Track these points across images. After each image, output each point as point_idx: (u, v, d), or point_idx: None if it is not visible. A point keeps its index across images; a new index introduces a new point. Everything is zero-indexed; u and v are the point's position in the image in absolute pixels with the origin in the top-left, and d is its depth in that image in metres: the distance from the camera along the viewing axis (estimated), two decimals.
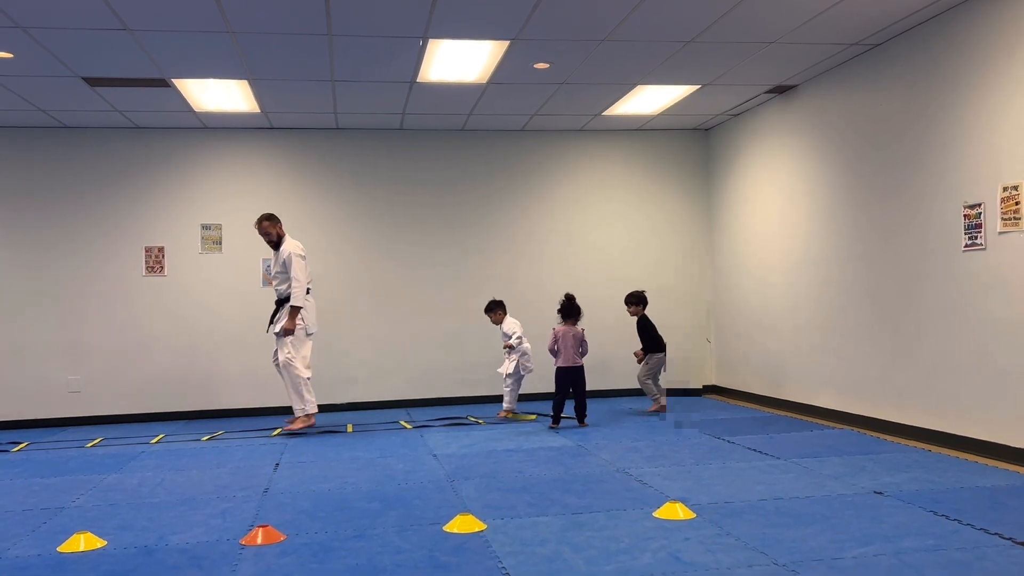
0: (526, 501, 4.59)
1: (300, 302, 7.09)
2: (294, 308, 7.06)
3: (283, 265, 7.16)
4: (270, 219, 7.25)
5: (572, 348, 7.23)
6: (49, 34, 5.64)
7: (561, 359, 7.22)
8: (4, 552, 3.90)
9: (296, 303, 7.06)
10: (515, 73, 6.92)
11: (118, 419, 8.32)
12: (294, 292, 7.05)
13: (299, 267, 7.10)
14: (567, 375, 7.22)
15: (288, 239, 7.27)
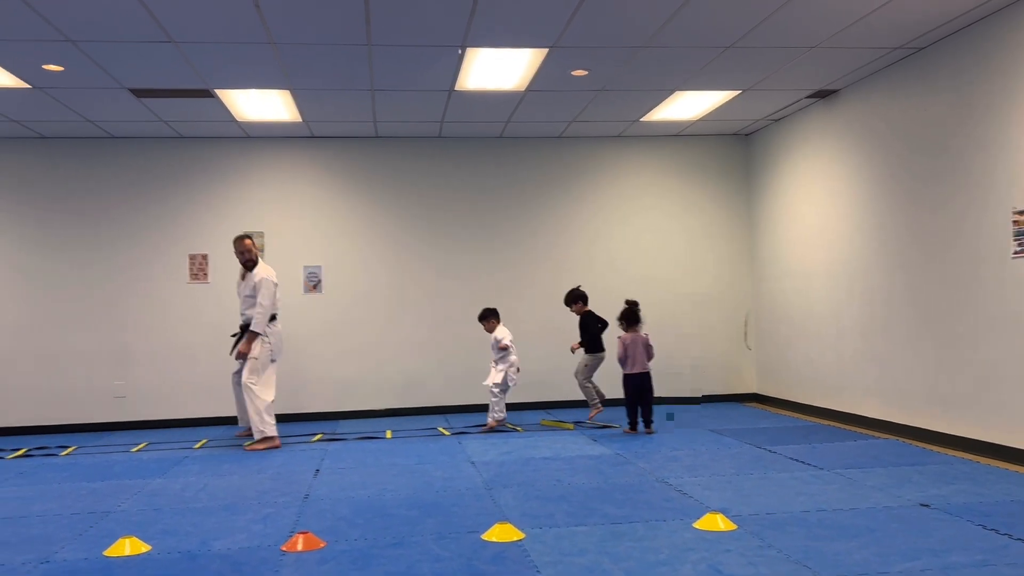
0: (565, 510, 4.57)
1: (260, 329, 7.03)
2: (252, 333, 7.02)
3: (253, 289, 7.12)
4: (250, 238, 7.28)
5: (643, 354, 7.24)
6: (98, 47, 5.77)
7: (630, 366, 7.22)
8: (52, 555, 3.98)
9: (256, 329, 7.01)
10: (553, 80, 6.93)
11: (162, 424, 8.46)
12: (256, 319, 7.02)
13: (268, 294, 7.06)
14: (638, 381, 7.22)
15: (262, 264, 7.26)
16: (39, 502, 5.16)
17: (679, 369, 9.18)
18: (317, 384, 8.78)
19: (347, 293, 8.86)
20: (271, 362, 7.14)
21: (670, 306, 9.25)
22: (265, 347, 7.06)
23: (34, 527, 4.53)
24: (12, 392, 8.28)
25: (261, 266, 7.22)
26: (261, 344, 7.03)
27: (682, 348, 9.20)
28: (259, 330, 7.02)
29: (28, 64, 6.08)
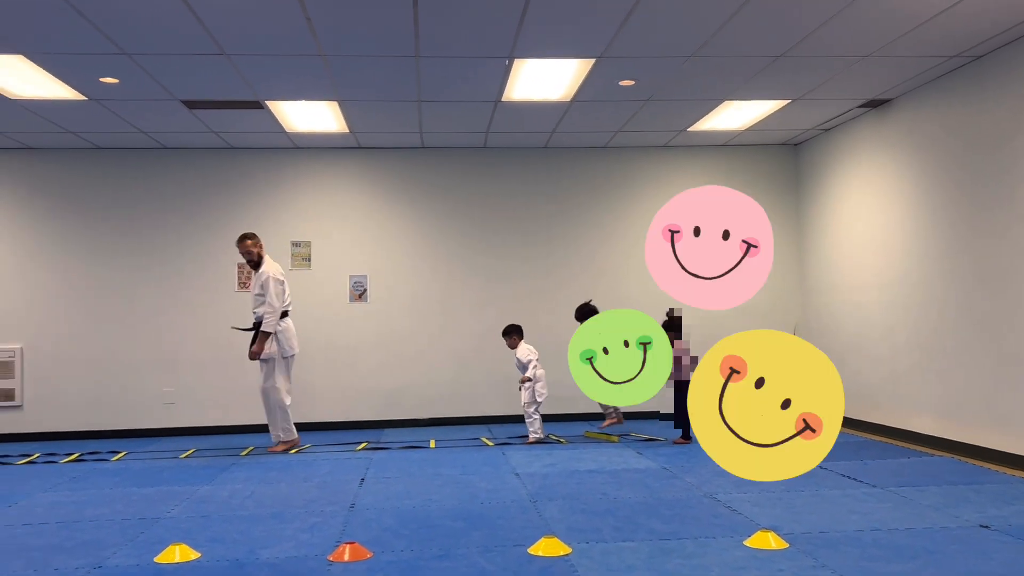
0: (611, 525, 4.52)
1: (271, 328, 7.08)
2: (264, 334, 7.08)
3: (261, 287, 7.16)
4: (252, 238, 7.30)
5: (688, 363, 7.22)
6: (152, 60, 5.88)
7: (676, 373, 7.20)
8: (104, 560, 4.04)
9: (267, 328, 7.07)
10: (600, 90, 6.90)
11: (210, 430, 8.57)
12: (267, 318, 7.06)
13: (275, 292, 7.10)
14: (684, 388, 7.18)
15: (268, 261, 7.28)
16: (91, 507, 5.25)
17: None
18: (362, 393, 8.82)
19: (392, 302, 8.90)
20: (285, 359, 7.22)
21: (716, 319, 9.11)
22: (275, 346, 7.15)
23: (87, 532, 4.61)
24: (66, 397, 8.45)
25: (267, 263, 7.25)
26: (269, 343, 7.12)
27: None
28: (270, 329, 7.08)
29: (86, 77, 6.22)
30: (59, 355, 8.48)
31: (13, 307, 8.45)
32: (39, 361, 8.45)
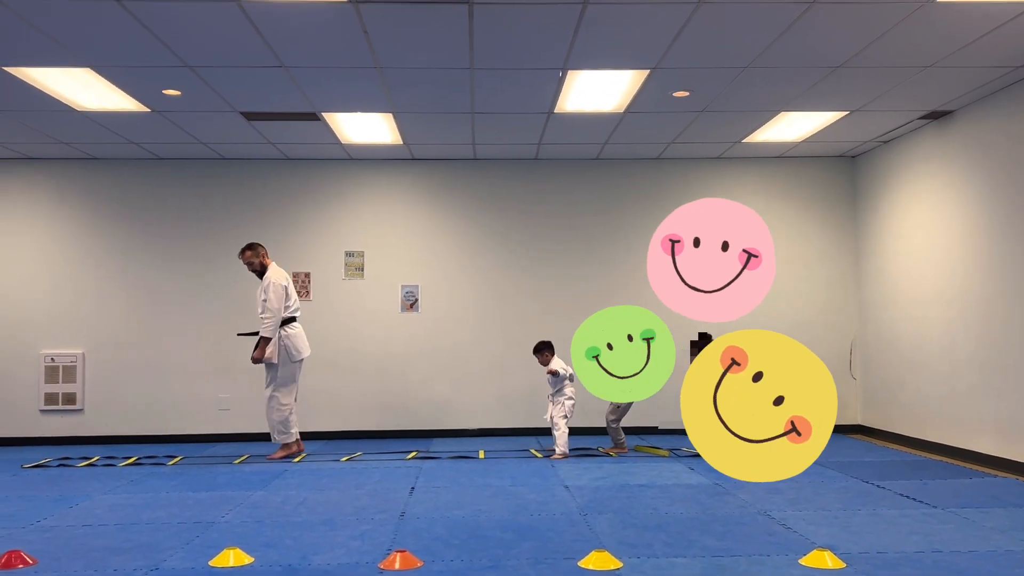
0: (662, 540, 4.47)
1: (270, 333, 7.16)
2: (263, 339, 7.17)
3: (264, 293, 7.28)
4: (252, 248, 7.40)
5: None
6: (213, 72, 6.01)
7: None
8: (161, 563, 4.11)
9: (266, 334, 7.15)
10: (653, 102, 6.87)
11: (263, 437, 8.67)
12: (265, 323, 7.16)
13: (276, 297, 7.18)
14: None
15: (273, 268, 7.37)
16: (148, 510, 5.35)
17: None
18: (412, 402, 8.87)
19: (443, 312, 8.95)
20: (293, 363, 7.31)
21: None
22: (282, 352, 7.24)
23: (144, 534, 4.70)
24: (125, 402, 8.65)
25: (271, 270, 7.35)
26: (277, 349, 7.20)
27: None
28: (268, 334, 7.17)
29: (149, 89, 6.38)
30: (119, 360, 8.69)
31: (77, 313, 8.69)
32: (100, 366, 8.67)
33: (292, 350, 7.31)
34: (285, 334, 7.30)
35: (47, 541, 4.55)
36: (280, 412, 7.27)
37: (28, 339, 8.63)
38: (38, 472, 6.87)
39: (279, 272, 7.39)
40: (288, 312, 7.34)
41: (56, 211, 8.75)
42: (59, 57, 5.66)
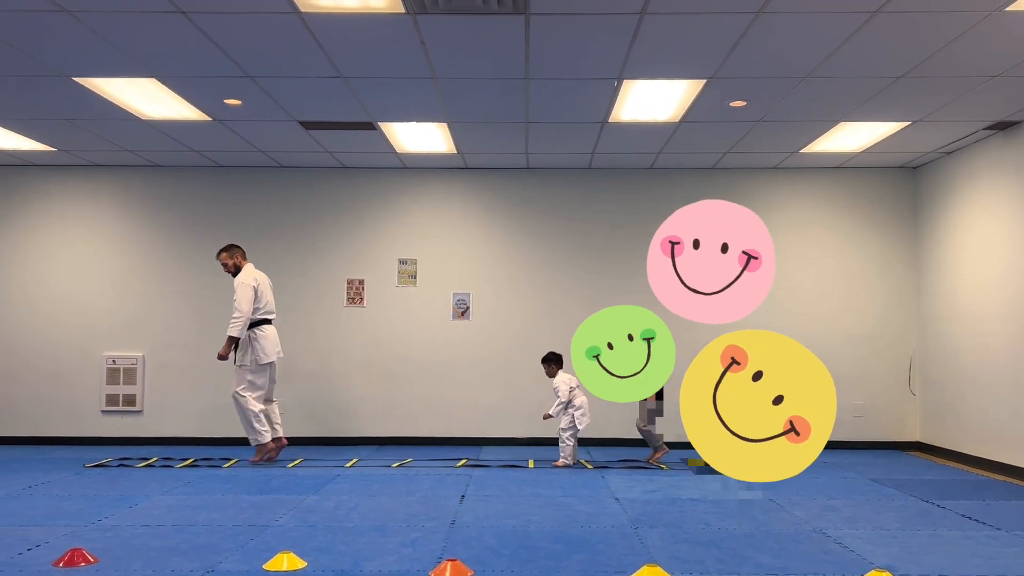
0: (715, 556, 4.41)
1: (236, 332, 7.25)
2: (229, 338, 7.26)
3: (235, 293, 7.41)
4: (227, 250, 7.51)
5: None
6: (273, 82, 6.13)
7: None
8: (216, 565, 4.18)
9: (232, 333, 7.24)
10: (709, 111, 6.81)
11: (316, 441, 8.80)
12: (232, 322, 7.26)
13: (243, 297, 7.26)
14: None
15: (246, 269, 7.46)
16: (204, 511, 5.45)
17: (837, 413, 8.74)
18: (461, 409, 8.90)
19: (494, 321, 8.96)
20: (260, 366, 7.38)
21: (826, 347, 8.83)
22: (250, 354, 7.32)
23: (200, 536, 4.78)
24: (182, 404, 8.83)
25: (243, 271, 7.45)
26: (246, 350, 7.30)
27: (840, 391, 8.73)
28: (234, 334, 7.27)
29: (211, 99, 6.53)
30: (177, 364, 8.88)
31: (137, 316, 8.90)
32: (159, 369, 8.87)
33: (260, 352, 7.39)
34: (255, 336, 7.40)
35: (108, 540, 4.67)
36: (245, 414, 7.36)
37: (91, 341, 8.87)
38: (99, 471, 7.05)
39: (250, 273, 7.48)
40: (259, 314, 7.43)
41: (120, 217, 8.99)
42: (126, 68, 5.82)
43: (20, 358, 8.87)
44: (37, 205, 8.98)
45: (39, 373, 8.82)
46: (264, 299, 7.50)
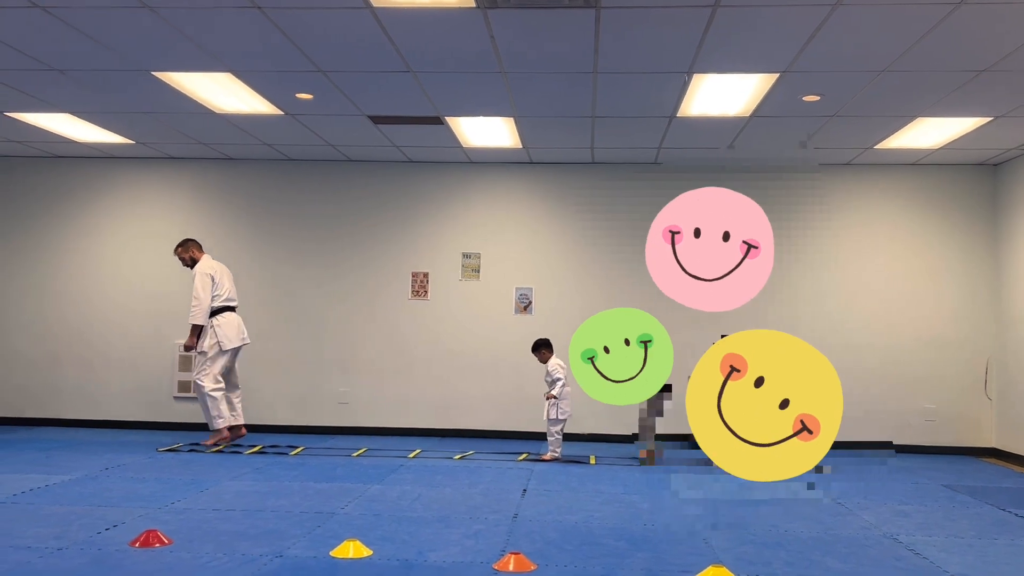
0: (782, 559, 4.33)
1: (199, 320, 7.46)
2: (192, 326, 7.46)
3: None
4: (182, 245, 7.72)
5: None
6: (345, 77, 6.21)
7: None
8: (285, 550, 4.27)
9: (193, 321, 7.44)
10: (781, 106, 6.68)
11: (380, 431, 8.91)
12: (193, 311, 7.46)
13: (200, 285, 7.48)
14: None
15: (203, 260, 7.64)
16: (273, 497, 5.57)
17: (907, 417, 8.53)
18: (523, 404, 8.90)
19: (556, 315, 8.95)
20: (222, 353, 7.50)
21: (898, 349, 8.62)
22: (212, 340, 7.44)
23: (269, 521, 4.89)
24: (251, 392, 9.02)
25: (200, 262, 7.64)
26: (208, 337, 7.43)
27: (911, 395, 8.55)
28: (196, 322, 7.47)
29: (283, 93, 6.65)
30: (246, 352, 9.03)
31: None
32: None
33: (223, 339, 7.55)
34: (216, 323, 7.57)
35: (181, 523, 4.80)
36: (204, 399, 7.49)
37: (164, 329, 9.12)
38: (171, 456, 7.25)
39: (208, 263, 7.67)
40: (219, 302, 7.62)
41: (194, 208, 9.22)
42: (203, 62, 5.96)
43: (98, 345, 9.18)
44: (116, 196, 9.27)
45: (116, 360, 9.11)
46: (223, 287, 7.72)
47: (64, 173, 9.29)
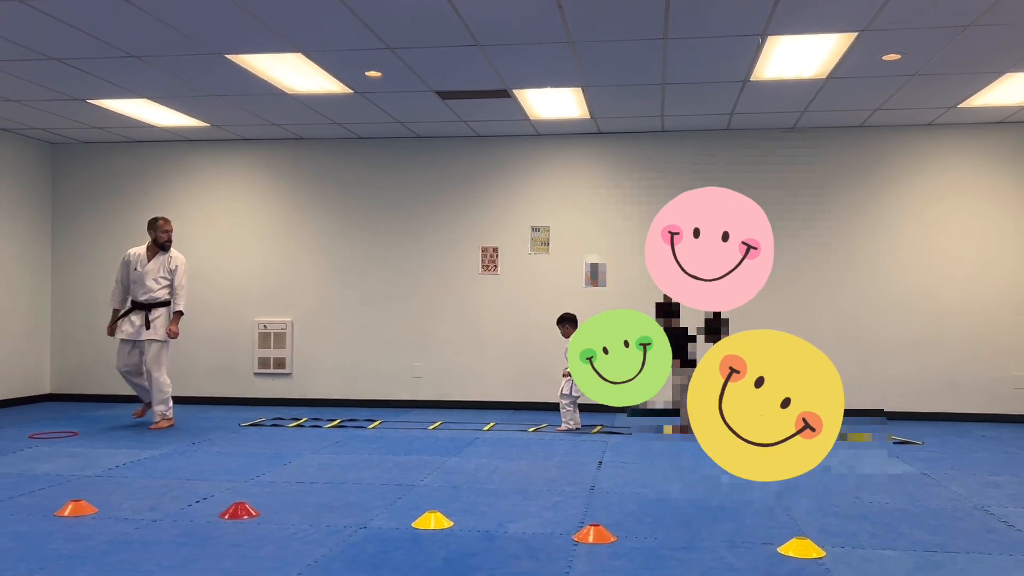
0: (867, 530, 4.25)
1: (184, 308, 7.53)
2: (179, 313, 7.46)
3: (170, 272, 7.46)
4: (169, 221, 7.59)
5: None
6: (412, 53, 6.22)
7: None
8: (368, 522, 4.36)
9: (184, 308, 7.52)
10: (859, 66, 6.45)
11: (453, 404, 9.02)
12: (183, 299, 7.49)
13: (185, 276, 7.52)
14: None
15: (174, 249, 7.56)
16: (354, 470, 5.69)
17: (996, 386, 8.24)
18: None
19: (627, 287, 8.87)
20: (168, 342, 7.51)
21: (985, 315, 8.32)
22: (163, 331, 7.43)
23: (351, 494, 5.00)
24: (328, 367, 9.23)
25: (175, 251, 7.58)
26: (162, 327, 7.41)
27: (999, 363, 8.26)
28: (183, 309, 7.53)
29: (353, 72, 6.70)
30: (324, 328, 9.27)
31: (286, 284, 9.33)
32: (307, 334, 9.28)
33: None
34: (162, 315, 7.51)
35: (267, 495, 4.94)
36: (167, 384, 7.48)
37: (244, 308, 9.37)
38: (254, 430, 7.46)
39: (182, 256, 7.67)
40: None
41: (267, 189, 9.41)
42: (274, 44, 6.04)
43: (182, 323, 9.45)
44: (193, 178, 9.51)
45: (198, 338, 9.38)
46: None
47: (144, 157, 9.56)
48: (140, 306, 7.45)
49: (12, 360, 9.11)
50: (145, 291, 7.44)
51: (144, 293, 7.44)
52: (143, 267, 7.46)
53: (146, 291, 7.43)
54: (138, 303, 7.46)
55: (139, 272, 7.45)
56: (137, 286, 7.46)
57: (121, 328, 7.48)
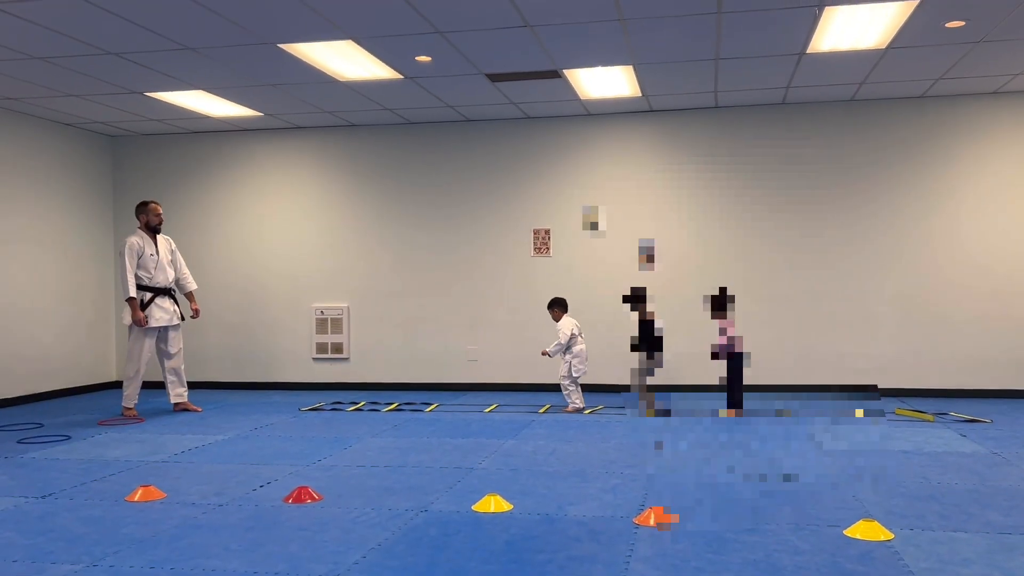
0: (936, 512, 4.15)
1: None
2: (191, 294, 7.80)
3: (173, 255, 7.66)
4: (159, 204, 7.69)
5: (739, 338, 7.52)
6: (462, 36, 6.20)
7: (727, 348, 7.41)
8: (429, 505, 4.40)
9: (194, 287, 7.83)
10: (921, 35, 6.25)
11: (508, 387, 9.04)
12: (193, 281, 7.83)
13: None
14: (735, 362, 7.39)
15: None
16: (413, 453, 5.74)
17: None
18: None
19: (681, 267, 8.78)
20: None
21: None
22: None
23: (411, 477, 5.05)
24: (385, 352, 9.32)
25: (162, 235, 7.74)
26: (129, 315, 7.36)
27: None
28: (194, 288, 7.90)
29: (403, 57, 6.70)
30: (380, 313, 9.36)
31: (342, 269, 9.43)
32: (363, 318, 9.38)
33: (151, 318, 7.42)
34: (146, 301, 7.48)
35: (329, 479, 5.02)
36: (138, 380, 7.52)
37: (301, 294, 9.50)
38: (314, 414, 7.58)
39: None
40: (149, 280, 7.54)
41: (321, 176, 9.50)
42: (326, 31, 6.07)
43: (242, 310, 9.65)
44: (248, 167, 9.65)
45: (258, 324, 9.56)
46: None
47: (200, 147, 9.72)
48: (162, 291, 7.51)
49: (80, 350, 9.38)
50: (167, 276, 7.56)
51: (167, 279, 7.56)
52: (156, 253, 7.49)
53: (168, 276, 7.57)
54: (161, 289, 7.49)
55: (156, 258, 7.46)
56: (159, 271, 7.46)
57: (154, 316, 7.39)
